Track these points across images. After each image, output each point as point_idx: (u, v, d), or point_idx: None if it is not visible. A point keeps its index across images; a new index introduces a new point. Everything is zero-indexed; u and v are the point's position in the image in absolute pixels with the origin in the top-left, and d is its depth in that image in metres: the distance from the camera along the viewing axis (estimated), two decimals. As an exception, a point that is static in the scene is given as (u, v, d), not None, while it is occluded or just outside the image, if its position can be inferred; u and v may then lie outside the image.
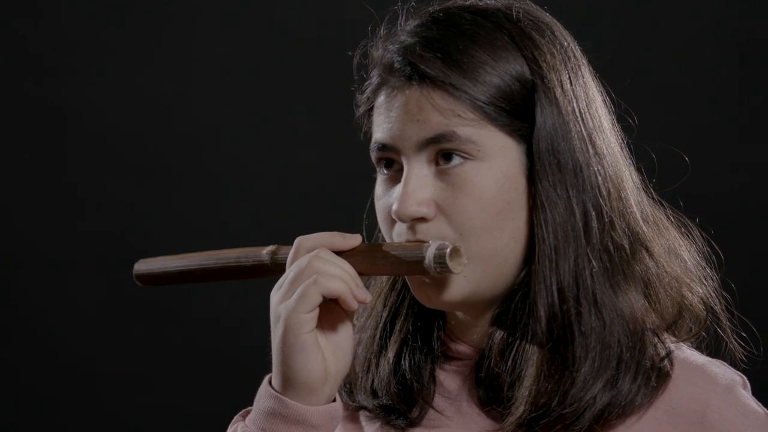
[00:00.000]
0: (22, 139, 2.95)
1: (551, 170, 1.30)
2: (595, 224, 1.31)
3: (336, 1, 2.86)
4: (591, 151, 1.32)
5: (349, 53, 1.40)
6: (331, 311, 1.31)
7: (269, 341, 1.32)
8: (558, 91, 1.31)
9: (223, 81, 2.92)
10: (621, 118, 1.38)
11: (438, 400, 1.37)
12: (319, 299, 1.28)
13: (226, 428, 1.37)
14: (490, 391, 1.34)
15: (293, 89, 2.90)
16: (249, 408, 1.35)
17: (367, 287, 1.36)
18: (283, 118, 2.91)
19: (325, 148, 2.89)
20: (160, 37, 2.92)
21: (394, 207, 1.31)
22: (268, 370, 1.33)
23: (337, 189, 2.88)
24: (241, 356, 2.85)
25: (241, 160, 2.93)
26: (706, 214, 1.41)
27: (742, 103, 2.79)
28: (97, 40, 2.92)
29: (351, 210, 1.46)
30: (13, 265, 2.96)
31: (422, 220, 1.31)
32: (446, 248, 1.27)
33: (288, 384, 1.30)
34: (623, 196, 1.33)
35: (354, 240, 1.33)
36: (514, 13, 1.34)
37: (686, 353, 1.34)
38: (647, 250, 1.34)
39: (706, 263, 1.38)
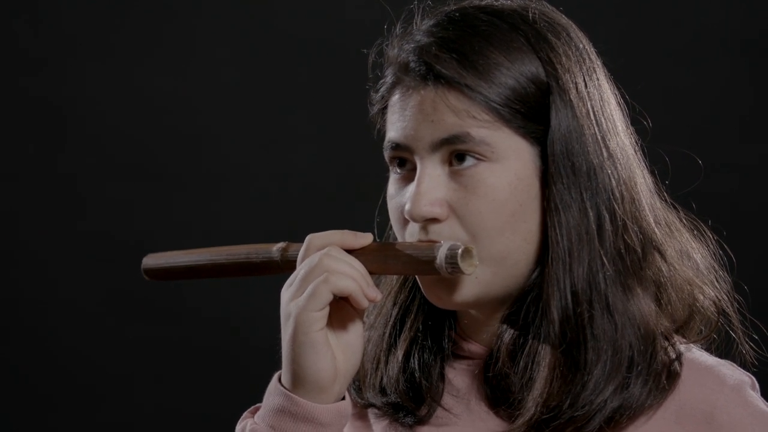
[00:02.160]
0: (22, 139, 2.95)
1: (565, 173, 1.30)
2: (608, 227, 1.31)
3: (337, 1, 2.86)
4: (605, 153, 1.32)
5: (364, 51, 1.40)
6: (342, 309, 1.31)
7: (272, 341, 1.32)
8: (573, 93, 1.31)
9: (223, 80, 2.92)
10: (635, 120, 1.38)
11: (447, 399, 1.37)
12: (329, 297, 1.28)
13: (227, 428, 1.37)
14: (498, 391, 1.34)
15: (294, 88, 2.90)
16: (258, 405, 1.35)
17: (378, 286, 1.36)
18: (283, 117, 2.92)
19: (327, 147, 2.89)
20: (160, 36, 2.93)
21: (407, 207, 1.31)
22: (271, 369, 1.33)
23: (338, 189, 2.88)
24: (243, 356, 2.85)
25: (242, 160, 2.93)
26: (718, 216, 1.42)
27: (746, 103, 2.79)
28: (96, 40, 2.92)
29: (354, 209, 1.46)
30: (12, 265, 2.96)
31: (435, 220, 1.31)
32: (458, 249, 1.27)
33: (298, 382, 1.30)
34: (636, 198, 1.33)
35: (365, 239, 1.33)
36: (530, 15, 1.34)
37: (695, 354, 1.34)
38: (659, 252, 1.34)
39: (719, 265, 1.38)
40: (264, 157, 2.92)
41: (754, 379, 1.34)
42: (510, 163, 1.31)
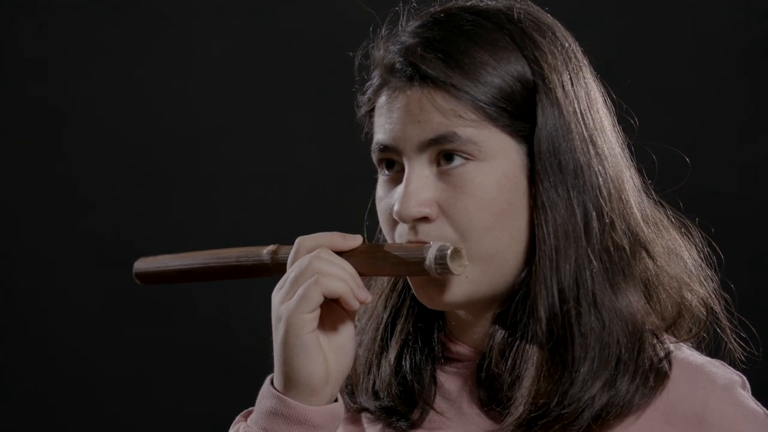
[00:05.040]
0: (22, 139, 2.95)
1: (552, 171, 1.31)
2: (595, 225, 1.31)
3: (337, 1, 2.86)
4: (592, 151, 1.32)
5: (350, 54, 1.40)
6: (332, 311, 1.32)
7: (270, 341, 1.32)
8: (559, 91, 1.31)
9: (222, 81, 2.92)
10: (622, 118, 1.38)
11: (439, 402, 1.38)
12: (320, 299, 1.29)
13: (227, 428, 1.37)
14: (490, 391, 1.34)
15: (293, 89, 2.90)
16: (251, 408, 1.35)
17: (369, 289, 1.37)
18: (282, 119, 2.92)
19: (325, 149, 2.89)
20: (159, 37, 2.93)
21: (396, 207, 1.31)
22: (269, 369, 1.33)
23: (336, 190, 2.88)
24: (242, 356, 2.85)
25: (241, 161, 2.93)
26: (706, 214, 1.42)
27: (743, 103, 2.79)
28: (96, 40, 2.93)
29: (351, 211, 1.46)
30: (12, 266, 2.96)
31: (424, 220, 1.31)
32: (447, 249, 1.28)
33: (290, 384, 1.30)
34: (624, 197, 1.34)
35: (354, 240, 1.33)
36: (515, 14, 1.34)
37: (685, 353, 1.34)
38: (647, 250, 1.34)
39: (706, 264, 1.38)
40: (263, 158, 2.92)
41: (744, 378, 1.34)
42: (498, 162, 1.31)
